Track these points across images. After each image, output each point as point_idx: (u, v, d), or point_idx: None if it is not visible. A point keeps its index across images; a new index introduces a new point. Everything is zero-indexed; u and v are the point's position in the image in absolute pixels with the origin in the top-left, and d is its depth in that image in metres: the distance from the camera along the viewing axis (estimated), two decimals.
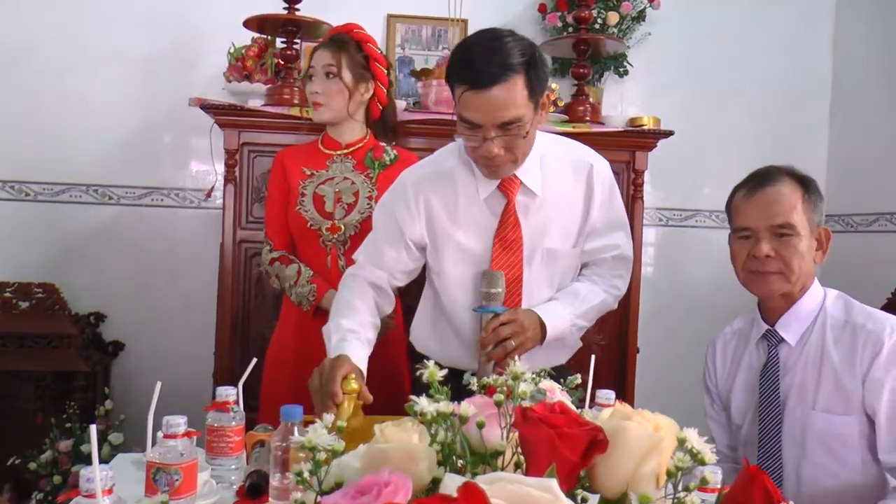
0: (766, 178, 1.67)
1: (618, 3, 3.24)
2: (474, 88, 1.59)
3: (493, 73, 1.57)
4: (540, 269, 1.81)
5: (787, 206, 1.63)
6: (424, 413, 0.88)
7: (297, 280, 2.11)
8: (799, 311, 1.68)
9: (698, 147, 3.54)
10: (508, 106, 1.60)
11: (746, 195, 1.69)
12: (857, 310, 1.66)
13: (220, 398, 1.35)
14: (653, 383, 3.09)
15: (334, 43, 2.15)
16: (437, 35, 3.35)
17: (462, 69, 1.63)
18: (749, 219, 1.67)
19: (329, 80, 2.13)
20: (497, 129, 1.62)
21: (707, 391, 1.90)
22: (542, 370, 1.38)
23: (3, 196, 3.12)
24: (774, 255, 1.64)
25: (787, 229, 1.63)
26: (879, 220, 3.34)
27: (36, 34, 3.11)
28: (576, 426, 0.82)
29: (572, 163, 1.84)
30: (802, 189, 1.66)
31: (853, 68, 3.56)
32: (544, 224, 1.80)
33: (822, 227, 1.70)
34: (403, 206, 1.80)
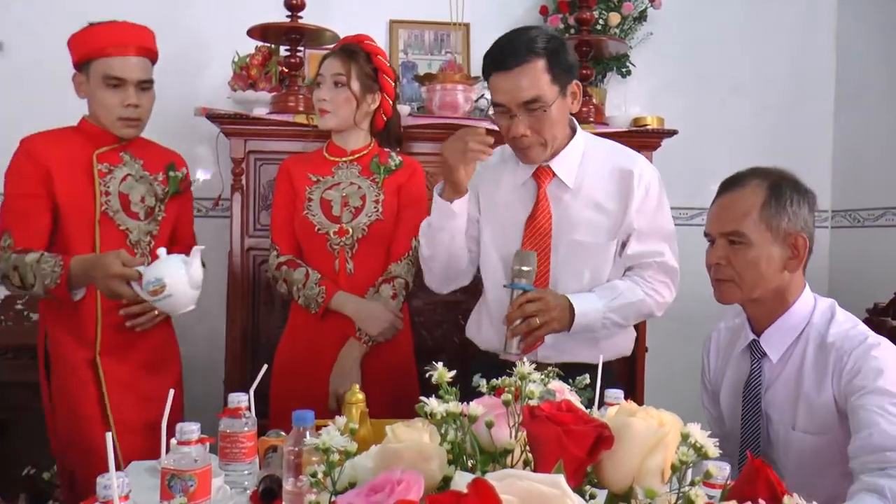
0: (733, 184, 1.64)
1: (619, 4, 3.24)
2: (499, 70, 1.79)
3: (515, 55, 1.77)
4: (566, 260, 1.89)
5: (739, 213, 1.59)
6: (434, 413, 0.90)
7: (306, 283, 2.13)
8: (784, 326, 1.64)
9: (703, 145, 3.53)
10: (529, 86, 1.77)
11: (714, 200, 1.67)
12: (834, 327, 1.60)
13: (232, 405, 1.36)
14: (662, 382, 3.09)
15: (344, 52, 2.18)
16: (440, 40, 3.36)
17: (490, 56, 1.83)
18: (707, 224, 1.67)
19: (337, 89, 2.15)
20: (520, 108, 1.79)
21: (704, 387, 1.87)
22: (551, 370, 1.40)
23: None
24: (726, 262, 1.61)
25: (736, 237, 1.59)
26: (886, 215, 3.33)
27: (43, 46, 3.10)
28: (582, 423, 0.84)
29: (614, 164, 1.93)
30: (767, 194, 1.59)
31: (856, 64, 3.56)
32: (574, 216, 1.89)
33: (802, 233, 1.60)
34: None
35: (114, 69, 2.05)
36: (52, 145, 2.07)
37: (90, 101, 2.12)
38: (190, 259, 1.81)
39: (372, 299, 2.14)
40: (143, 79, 2.09)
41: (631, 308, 1.90)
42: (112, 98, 2.07)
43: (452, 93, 2.75)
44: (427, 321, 2.74)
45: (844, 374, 1.52)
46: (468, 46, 3.34)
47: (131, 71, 2.07)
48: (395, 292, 2.15)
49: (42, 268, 1.91)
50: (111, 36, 2.07)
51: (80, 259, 1.92)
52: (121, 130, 2.11)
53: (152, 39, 2.18)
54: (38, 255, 1.94)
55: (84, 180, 2.07)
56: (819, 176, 3.63)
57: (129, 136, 2.13)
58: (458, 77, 2.78)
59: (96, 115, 2.12)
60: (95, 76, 2.07)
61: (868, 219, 3.44)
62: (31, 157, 2.04)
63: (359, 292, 2.15)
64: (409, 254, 2.19)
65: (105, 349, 2.06)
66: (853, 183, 3.56)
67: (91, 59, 2.07)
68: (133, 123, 2.11)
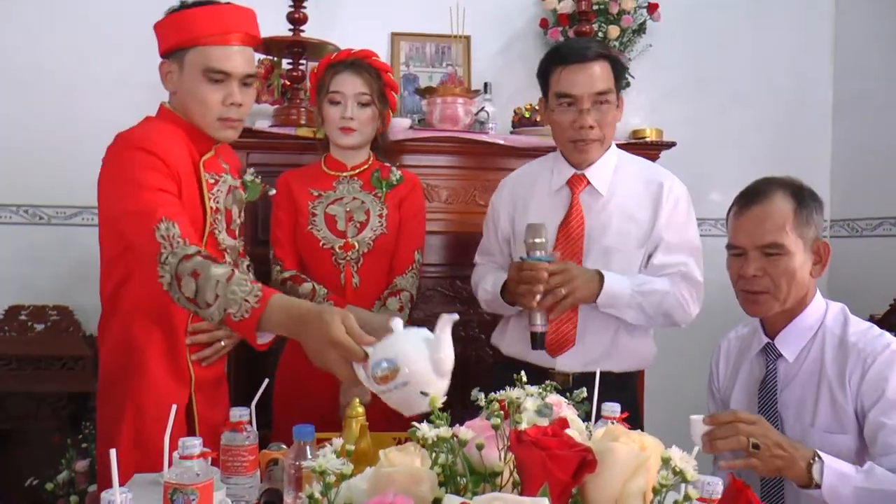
0: (757, 195, 1.68)
1: (618, 17, 3.26)
2: (574, 62, 1.93)
3: (590, 50, 1.94)
4: (595, 266, 1.96)
5: (775, 225, 1.63)
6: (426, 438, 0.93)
7: (313, 297, 2.14)
8: (799, 327, 1.68)
9: (703, 155, 3.55)
10: (603, 77, 1.93)
11: (738, 212, 1.70)
12: (852, 327, 1.66)
13: (234, 419, 1.38)
14: (663, 392, 3.10)
15: (364, 70, 2.19)
16: (441, 52, 3.38)
17: (560, 53, 1.98)
18: (739, 237, 1.69)
19: (362, 108, 2.18)
20: (592, 99, 1.93)
21: (711, 395, 1.92)
22: (549, 384, 1.43)
23: (18, 220, 3.16)
24: (762, 274, 1.65)
25: (775, 248, 1.63)
26: (884, 225, 3.35)
27: (46, 58, 3.15)
28: (566, 448, 0.88)
29: (645, 177, 2.07)
30: (795, 204, 1.65)
31: (854, 73, 3.58)
32: (605, 223, 2.00)
33: (821, 239, 1.68)
34: (499, 198, 2.17)
35: (217, 61, 1.75)
36: (169, 145, 1.73)
37: (183, 96, 1.80)
38: (437, 336, 1.30)
39: (379, 312, 2.16)
40: (248, 73, 1.81)
41: (656, 296, 1.96)
42: (214, 94, 1.76)
43: (453, 106, 2.78)
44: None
45: (867, 380, 1.57)
46: (469, 58, 3.37)
47: (236, 64, 1.77)
48: (402, 305, 2.18)
49: (232, 290, 1.45)
50: (214, 21, 1.76)
51: (287, 302, 1.45)
52: (219, 132, 1.81)
53: (256, 24, 1.87)
54: (228, 270, 1.49)
55: (195, 192, 1.77)
56: (818, 185, 3.57)
57: (227, 138, 1.86)
58: (458, 90, 2.81)
59: (189, 111, 1.80)
60: (193, 68, 1.76)
61: (866, 228, 3.45)
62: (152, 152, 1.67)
63: (365, 305, 2.17)
64: (413, 266, 2.22)
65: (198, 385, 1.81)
66: (851, 192, 3.57)
67: (187, 48, 1.76)
68: (234, 124, 1.83)
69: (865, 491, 1.45)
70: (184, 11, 1.78)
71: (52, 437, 2.79)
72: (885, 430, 1.52)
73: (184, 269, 1.51)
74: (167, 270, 1.53)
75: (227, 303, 1.44)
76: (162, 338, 1.74)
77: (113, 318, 1.77)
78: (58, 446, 2.73)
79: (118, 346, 1.76)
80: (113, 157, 1.71)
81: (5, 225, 3.15)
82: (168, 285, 1.53)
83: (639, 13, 3.33)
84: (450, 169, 2.78)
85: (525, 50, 3.40)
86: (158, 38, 1.84)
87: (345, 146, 2.23)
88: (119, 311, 1.75)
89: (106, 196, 1.72)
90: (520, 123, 2.98)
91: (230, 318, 1.44)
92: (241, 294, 1.44)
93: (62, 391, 2.83)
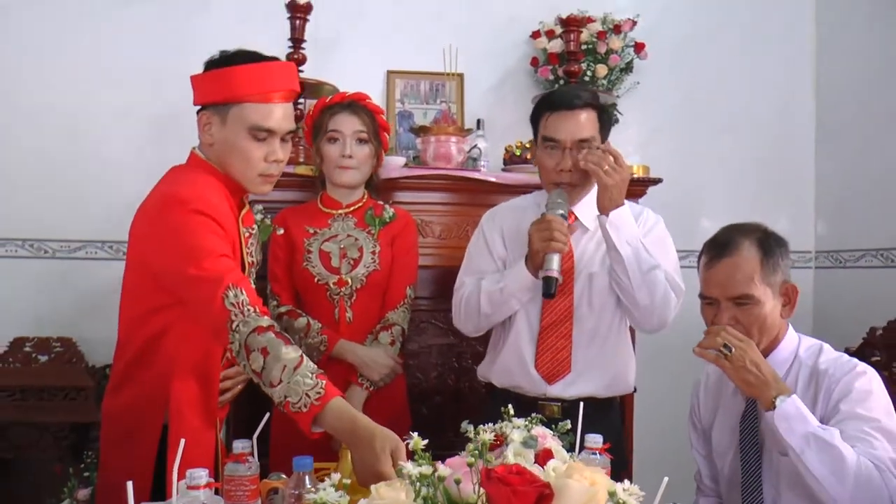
0: (725, 248, 1.77)
1: (606, 56, 3.35)
2: (561, 110, 2.05)
3: (576, 99, 2.06)
4: (582, 291, 2.10)
5: (745, 277, 1.73)
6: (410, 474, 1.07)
7: (308, 332, 2.23)
8: (774, 362, 1.76)
9: (692, 188, 3.65)
10: (586, 126, 2.05)
11: (707, 264, 1.80)
12: (824, 356, 1.75)
13: (237, 451, 1.45)
14: (653, 422, 3.16)
15: (361, 110, 2.30)
16: (435, 89, 3.48)
17: (549, 100, 2.12)
18: (710, 289, 1.79)
19: (360, 146, 2.28)
20: (574, 144, 2.03)
21: (693, 427, 2.00)
22: (534, 417, 1.52)
23: (23, 254, 3.23)
24: (735, 322, 1.74)
25: (745, 299, 1.73)
26: (866, 257, 3.43)
27: (51, 95, 3.23)
28: (528, 484, 1.05)
29: None
30: (761, 254, 1.74)
31: (836, 107, 3.67)
32: (592, 254, 2.12)
33: (789, 282, 1.77)
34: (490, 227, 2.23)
35: (263, 119, 1.74)
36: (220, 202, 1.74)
37: (221, 148, 1.78)
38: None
39: (371, 346, 2.24)
40: (290, 129, 1.82)
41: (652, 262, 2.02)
42: (257, 151, 1.76)
43: (446, 144, 2.87)
44: (423, 364, 2.83)
45: (833, 397, 1.67)
46: (462, 95, 3.47)
47: (280, 121, 1.76)
48: (394, 339, 2.27)
49: (297, 380, 1.50)
50: (260, 79, 1.75)
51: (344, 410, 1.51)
52: (258, 187, 1.82)
53: (297, 77, 1.89)
54: (297, 356, 1.53)
55: (237, 249, 1.79)
56: (803, 217, 3.76)
57: (264, 192, 1.87)
58: (451, 129, 2.90)
59: (228, 164, 1.79)
60: (237, 123, 1.74)
61: (849, 260, 3.54)
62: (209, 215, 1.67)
63: (358, 339, 2.26)
64: (405, 301, 2.31)
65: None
66: (835, 224, 3.66)
67: (235, 103, 1.74)
68: (273, 180, 1.84)
69: (815, 439, 1.56)
70: (228, 68, 1.76)
71: (54, 466, 2.84)
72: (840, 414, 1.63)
73: (254, 342, 1.55)
74: (237, 339, 1.56)
75: (289, 391, 1.49)
76: (198, 389, 1.75)
77: (144, 368, 1.75)
78: (60, 475, 2.78)
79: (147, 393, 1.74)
80: (167, 216, 1.68)
81: (11, 258, 3.22)
82: (236, 353, 1.58)
83: (626, 52, 3.43)
84: (443, 205, 2.86)
85: (517, 87, 3.51)
86: (196, 89, 1.83)
87: (343, 183, 2.31)
88: (154, 362, 1.73)
89: (157, 254, 1.70)
90: (510, 160, 3.06)
91: (289, 405, 1.49)
92: (304, 388, 1.48)
93: (64, 421, 2.89)
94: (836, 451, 1.55)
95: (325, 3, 3.12)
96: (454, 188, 2.86)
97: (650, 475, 2.71)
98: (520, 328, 2.12)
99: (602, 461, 1.49)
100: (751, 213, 3.53)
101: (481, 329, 2.19)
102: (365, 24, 3.44)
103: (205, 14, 3.33)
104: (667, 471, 2.52)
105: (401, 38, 3.46)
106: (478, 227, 2.27)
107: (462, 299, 2.15)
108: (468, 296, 2.13)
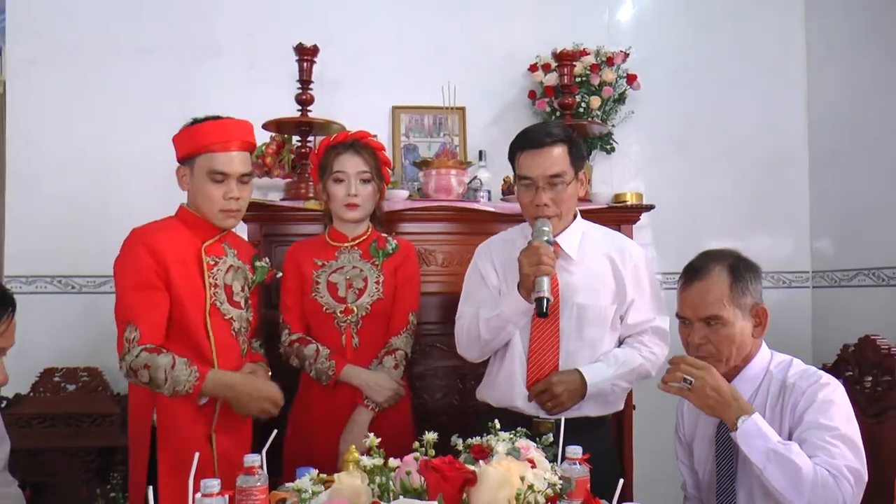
0: (698, 272, 1.91)
1: (599, 88, 3.48)
2: (531, 149, 2.16)
3: (545, 137, 2.16)
4: (569, 319, 2.20)
5: (714, 299, 1.86)
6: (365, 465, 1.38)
7: (317, 358, 2.38)
8: (745, 377, 1.90)
9: (688, 214, 3.74)
10: (556, 162, 2.14)
11: (682, 287, 1.94)
12: (793, 370, 1.87)
13: (248, 464, 1.60)
14: (652, 437, 3.24)
15: (364, 150, 2.45)
16: (438, 123, 3.62)
17: (521, 139, 2.21)
18: (684, 309, 1.93)
19: (364, 185, 2.43)
20: (546, 181, 2.13)
21: (678, 440, 2.12)
22: (519, 431, 1.66)
23: (52, 290, 3.41)
24: (706, 342, 1.88)
25: (715, 320, 1.87)
26: (859, 276, 3.51)
27: (77, 141, 3.43)
28: (455, 471, 1.33)
29: (607, 244, 2.30)
30: (731, 279, 1.88)
31: (828, 131, 3.75)
32: (576, 283, 2.22)
33: (760, 304, 1.90)
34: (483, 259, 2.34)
35: (218, 164, 2.16)
36: (167, 238, 2.15)
37: (193, 193, 2.23)
38: None
39: (376, 370, 2.38)
40: (244, 172, 2.21)
41: (633, 374, 2.23)
42: (216, 191, 2.17)
43: (446, 177, 3.01)
44: (428, 386, 2.96)
45: (798, 407, 1.79)
46: (464, 128, 3.62)
47: (234, 165, 2.18)
48: (397, 363, 2.40)
49: (176, 374, 2.03)
50: (216, 133, 2.18)
51: (221, 378, 2.10)
52: (223, 221, 2.22)
53: (252, 133, 2.30)
54: (170, 358, 2.04)
55: (196, 273, 2.17)
56: (798, 239, 3.87)
57: (230, 226, 2.27)
58: (451, 163, 3.04)
59: (198, 206, 2.22)
60: (200, 170, 2.17)
61: (843, 279, 3.62)
62: (149, 249, 2.11)
63: (364, 364, 2.40)
64: (407, 327, 2.44)
65: (220, 426, 2.18)
66: (830, 245, 3.75)
67: (196, 155, 2.18)
68: (234, 214, 2.23)
69: (775, 454, 1.70)
70: (195, 126, 2.22)
71: (82, 489, 2.99)
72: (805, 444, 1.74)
73: (135, 363, 2.04)
74: (124, 366, 2.07)
75: (174, 383, 2.04)
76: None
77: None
78: (87, 497, 2.94)
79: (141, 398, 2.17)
80: (124, 247, 2.16)
81: (41, 294, 3.40)
82: (126, 375, 2.09)
83: (619, 83, 3.57)
84: (445, 235, 3.00)
85: (516, 119, 3.61)
86: (175, 147, 2.25)
87: (350, 220, 2.46)
88: None
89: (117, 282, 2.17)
90: (508, 191, 3.17)
91: (177, 393, 2.04)
92: (182, 376, 2.04)
93: (91, 446, 3.05)
94: (794, 465, 1.68)
95: (331, 45, 3.30)
96: (455, 218, 3.00)
97: (649, 487, 2.86)
98: (513, 352, 2.23)
99: (581, 470, 1.60)
100: (747, 236, 3.67)
101: (484, 355, 2.31)
102: (369, 63, 3.60)
103: (216, 61, 3.53)
104: (664, 483, 2.66)
105: (404, 75, 3.61)
106: (472, 261, 2.38)
107: (463, 328, 2.29)
108: (468, 325, 2.26)
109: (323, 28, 3.40)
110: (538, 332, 2.21)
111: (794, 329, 3.74)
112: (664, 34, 3.82)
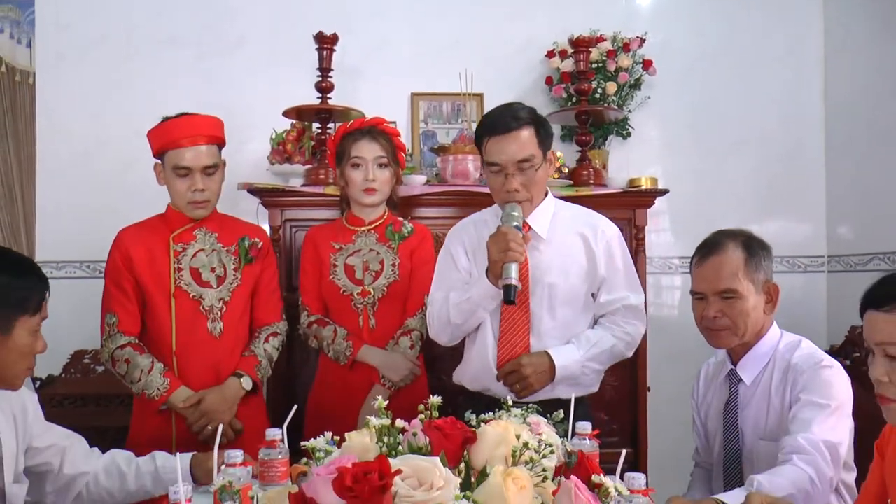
0: (713, 247, 1.95)
1: (615, 74, 3.51)
2: (497, 134, 2.10)
3: (511, 121, 2.10)
4: (540, 300, 2.18)
5: (730, 273, 1.90)
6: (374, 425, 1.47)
7: (335, 339, 2.45)
8: (755, 355, 1.95)
9: (704, 201, 3.75)
10: (524, 146, 2.09)
11: (697, 262, 1.98)
12: (798, 351, 1.91)
13: (269, 437, 1.68)
14: (667, 418, 3.29)
15: (380, 136, 2.50)
16: (457, 109, 3.67)
17: (487, 124, 2.15)
18: (699, 284, 1.97)
19: (381, 170, 2.48)
20: (515, 166, 2.09)
21: (695, 410, 2.17)
22: (532, 406, 1.71)
23: (81, 274, 3.53)
24: (721, 315, 1.92)
25: (730, 293, 1.91)
26: (874, 260, 3.52)
27: (105, 130, 3.53)
28: (457, 430, 1.45)
29: (579, 223, 2.25)
30: (745, 254, 1.92)
31: (844, 118, 3.75)
32: (547, 263, 2.19)
33: (771, 282, 1.95)
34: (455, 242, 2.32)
35: (181, 159, 2.29)
36: (137, 234, 2.38)
37: (168, 188, 2.38)
38: None
39: (392, 350, 2.45)
40: (207, 164, 2.32)
41: (605, 355, 2.20)
42: (181, 185, 2.31)
43: (463, 162, 3.06)
44: (447, 366, 3.01)
45: (797, 387, 1.83)
46: (482, 114, 3.63)
47: (196, 159, 2.30)
48: (413, 343, 2.47)
49: (150, 380, 2.26)
50: (179, 129, 2.30)
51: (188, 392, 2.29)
52: (192, 212, 2.36)
53: (217, 127, 2.40)
54: (149, 362, 2.28)
55: (163, 261, 2.35)
56: (814, 224, 3.87)
57: (199, 216, 2.39)
58: (468, 148, 3.08)
59: (172, 199, 2.39)
60: (168, 166, 2.32)
61: (859, 264, 3.63)
62: (118, 247, 2.36)
63: (380, 344, 2.46)
64: (423, 309, 2.49)
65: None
66: (845, 230, 3.75)
67: (165, 151, 2.32)
68: (201, 205, 2.35)
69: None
70: (163, 123, 2.35)
71: None
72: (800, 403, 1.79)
73: (118, 354, 2.30)
74: (105, 352, 2.34)
75: (146, 386, 2.27)
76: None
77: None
78: None
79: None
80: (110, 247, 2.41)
81: (70, 279, 3.52)
82: (105, 361, 2.36)
83: (635, 69, 3.59)
84: (461, 219, 3.02)
85: (534, 105, 3.60)
86: (150, 145, 2.38)
87: (368, 205, 2.53)
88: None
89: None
90: None
91: (145, 395, 2.27)
92: (155, 384, 2.26)
93: (120, 425, 3.14)
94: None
95: (351, 34, 3.36)
96: (471, 203, 2.98)
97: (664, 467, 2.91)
98: (485, 335, 2.21)
99: (591, 445, 1.66)
100: (763, 221, 3.69)
101: (455, 339, 2.28)
102: (388, 51, 3.66)
103: (239, 51, 3.61)
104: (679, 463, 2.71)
105: (423, 63, 3.67)
106: (444, 244, 2.36)
107: (434, 313, 2.26)
108: (439, 309, 2.23)
109: (343, 17, 3.47)
110: (508, 314, 2.18)
111: (809, 313, 3.77)
112: (681, 20, 3.82)
